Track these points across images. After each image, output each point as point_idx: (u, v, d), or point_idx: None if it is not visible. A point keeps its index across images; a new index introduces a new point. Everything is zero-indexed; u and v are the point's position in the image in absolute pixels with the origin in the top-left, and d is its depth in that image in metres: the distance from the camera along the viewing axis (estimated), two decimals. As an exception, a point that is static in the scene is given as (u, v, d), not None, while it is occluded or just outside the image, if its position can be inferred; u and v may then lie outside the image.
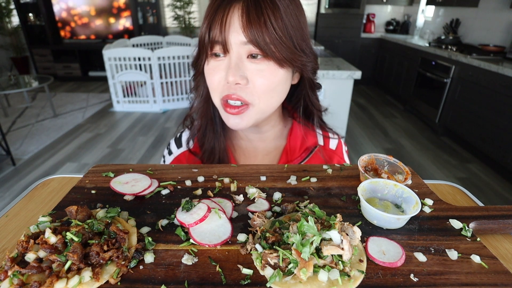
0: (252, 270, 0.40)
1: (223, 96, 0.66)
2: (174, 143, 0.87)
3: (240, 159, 0.83)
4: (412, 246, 0.44)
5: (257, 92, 0.64)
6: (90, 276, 0.37)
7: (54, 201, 0.58)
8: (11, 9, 6.17)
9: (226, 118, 0.69)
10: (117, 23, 6.27)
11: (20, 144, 3.72)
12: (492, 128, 3.15)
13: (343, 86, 2.92)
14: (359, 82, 6.18)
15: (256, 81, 0.63)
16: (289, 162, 0.79)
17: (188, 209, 0.48)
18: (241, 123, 0.68)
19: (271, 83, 0.64)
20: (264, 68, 0.63)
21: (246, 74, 0.62)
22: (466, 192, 0.64)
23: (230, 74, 0.61)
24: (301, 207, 0.52)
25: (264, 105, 0.67)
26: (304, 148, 0.81)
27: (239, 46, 0.61)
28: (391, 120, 4.66)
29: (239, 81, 0.62)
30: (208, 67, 0.66)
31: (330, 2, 5.72)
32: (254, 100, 0.65)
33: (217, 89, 0.66)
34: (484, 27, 4.13)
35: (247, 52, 0.62)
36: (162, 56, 4.51)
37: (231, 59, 0.62)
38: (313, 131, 0.83)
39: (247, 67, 0.62)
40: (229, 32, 0.60)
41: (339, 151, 0.87)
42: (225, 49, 0.62)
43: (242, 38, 0.59)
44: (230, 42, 0.60)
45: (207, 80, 0.68)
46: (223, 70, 0.64)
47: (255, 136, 0.82)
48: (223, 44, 0.61)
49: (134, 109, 4.86)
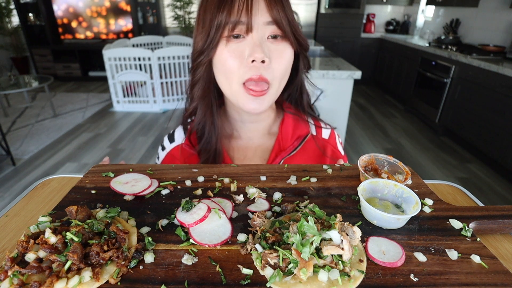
0: (252, 270, 0.40)
1: (246, 79, 0.65)
2: (167, 139, 0.88)
3: (233, 153, 0.83)
4: (412, 246, 0.44)
5: (276, 71, 0.66)
6: (90, 276, 0.37)
7: (54, 201, 0.58)
8: (11, 9, 6.17)
9: (246, 103, 0.68)
10: (117, 23, 6.27)
11: (20, 144, 3.72)
12: (492, 128, 3.15)
13: (343, 86, 2.92)
14: (359, 82, 6.18)
15: (276, 61, 0.65)
16: (281, 151, 0.80)
17: (188, 209, 0.48)
18: (261, 107, 0.68)
19: (287, 63, 0.67)
20: (282, 49, 0.66)
21: (270, 54, 0.64)
22: (466, 192, 0.64)
23: (258, 51, 0.61)
24: (301, 207, 0.52)
25: (279, 87, 0.69)
26: (296, 137, 0.82)
27: (263, 26, 0.63)
28: (391, 120, 4.66)
29: (265, 58, 0.62)
30: (226, 50, 0.65)
31: (330, 2, 5.72)
32: (273, 80, 0.66)
33: (237, 73, 0.65)
34: (484, 27, 4.13)
35: (269, 32, 0.64)
36: (162, 56, 4.51)
37: (255, 38, 0.63)
38: (304, 120, 0.84)
39: (269, 47, 0.64)
40: (254, 12, 0.62)
41: (332, 140, 0.87)
42: (248, 29, 0.62)
43: (267, 18, 0.62)
44: (256, 21, 0.62)
45: (224, 65, 0.66)
46: (244, 51, 0.64)
47: (250, 127, 0.82)
48: (247, 24, 0.62)
49: (134, 109, 4.85)
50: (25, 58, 6.54)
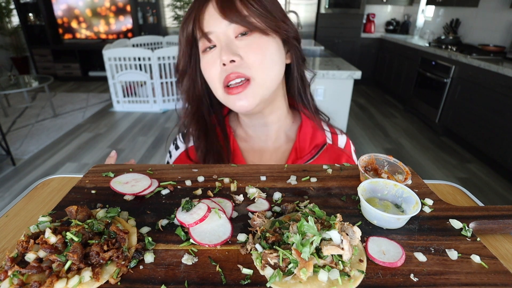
0: (252, 270, 0.40)
1: (223, 81, 0.67)
2: (181, 139, 0.88)
3: (249, 156, 0.82)
4: (412, 246, 0.44)
5: (253, 65, 0.66)
6: (90, 276, 0.37)
7: (54, 201, 0.58)
8: (11, 9, 6.17)
9: (232, 103, 0.69)
10: (117, 23, 6.27)
11: (20, 144, 3.72)
12: (492, 128, 3.15)
13: (343, 86, 2.92)
14: (359, 82, 6.18)
15: (249, 55, 0.66)
16: (298, 159, 0.79)
17: (188, 209, 0.48)
18: (247, 103, 0.68)
19: (263, 52, 0.67)
20: (252, 41, 0.66)
21: (238, 52, 0.65)
22: (466, 192, 0.64)
23: (223, 54, 0.64)
24: (301, 207, 0.52)
25: (263, 77, 0.68)
26: (314, 145, 0.81)
27: (224, 28, 0.65)
28: (391, 120, 4.66)
29: (232, 57, 0.64)
30: (203, 62, 0.70)
31: (330, 2, 5.71)
32: (252, 73, 0.66)
33: (217, 79, 0.68)
34: (484, 27, 4.13)
35: (234, 33, 0.66)
36: (162, 56, 4.51)
37: (221, 43, 0.66)
38: (321, 127, 0.83)
39: (238, 45, 0.66)
40: (209, 21, 0.65)
41: (348, 149, 0.87)
42: (208, 39, 0.66)
43: (223, 21, 0.64)
44: (214, 29, 0.65)
45: (206, 75, 0.71)
46: (217, 58, 0.67)
47: (263, 131, 0.81)
48: (204, 34, 0.66)
49: (134, 109, 4.85)
50: (25, 58, 6.54)
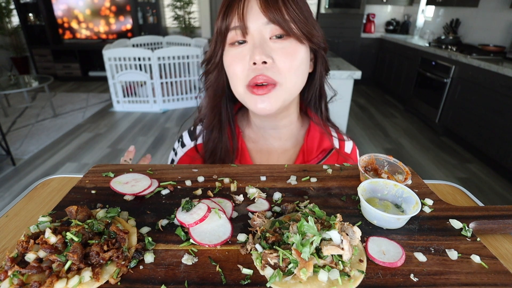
0: (252, 270, 0.40)
1: (249, 81, 0.65)
2: (187, 136, 0.87)
3: (256, 157, 0.82)
4: (412, 246, 0.44)
5: (283, 70, 0.65)
6: (90, 276, 0.37)
7: (54, 201, 0.58)
8: (11, 9, 6.17)
9: (253, 103, 0.67)
10: (117, 23, 6.27)
11: (20, 144, 3.72)
12: (492, 128, 3.15)
13: (343, 86, 2.92)
14: (359, 82, 6.18)
15: (281, 59, 0.64)
16: (305, 162, 0.79)
17: (188, 209, 0.48)
18: (269, 106, 0.66)
19: (295, 60, 0.65)
20: (287, 46, 0.64)
21: (271, 54, 0.63)
22: (466, 192, 0.64)
23: (257, 53, 0.61)
24: (301, 207, 0.52)
25: (290, 84, 0.67)
26: (321, 150, 0.81)
27: (263, 26, 0.63)
28: (391, 120, 4.66)
29: (265, 59, 0.62)
30: (230, 55, 0.67)
31: (330, 2, 5.71)
32: (281, 79, 0.65)
33: (241, 76, 0.66)
34: (484, 27, 4.13)
35: (270, 33, 0.64)
36: (162, 56, 4.51)
37: (255, 41, 0.63)
38: (328, 133, 0.83)
39: (271, 47, 0.64)
40: (250, 16, 0.62)
41: (354, 155, 0.87)
42: (244, 33, 0.63)
43: (263, 19, 0.62)
44: (251, 24, 0.63)
45: (229, 70, 0.68)
46: (246, 55, 0.64)
47: (272, 133, 0.81)
48: (242, 28, 0.63)
49: (134, 109, 4.85)
50: (25, 58, 6.54)
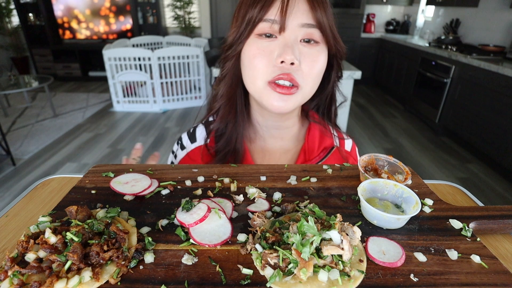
0: (252, 270, 0.40)
1: (272, 78, 0.63)
2: (187, 138, 0.85)
3: (258, 157, 0.81)
4: (412, 246, 0.44)
5: (307, 75, 0.64)
6: (90, 276, 0.37)
7: (54, 201, 0.58)
8: (11, 9, 6.17)
9: (271, 100, 0.65)
10: (117, 23, 6.27)
11: (20, 144, 3.72)
12: (492, 128, 3.15)
13: (343, 86, 2.91)
14: (359, 82, 6.18)
15: (307, 64, 0.63)
16: (307, 161, 0.79)
17: (188, 209, 0.48)
18: (286, 106, 0.65)
19: (319, 67, 0.65)
20: (315, 52, 0.64)
21: (300, 56, 0.62)
22: (466, 192, 0.64)
23: (288, 53, 0.60)
24: (301, 207, 0.52)
25: (309, 90, 0.67)
26: (322, 148, 0.81)
27: (298, 28, 0.61)
28: (391, 120, 4.66)
29: (295, 60, 0.61)
30: (255, 47, 0.64)
31: (330, 2, 5.71)
32: (303, 83, 0.64)
33: (264, 71, 0.64)
34: (484, 27, 4.13)
35: (303, 35, 0.62)
36: (162, 56, 4.51)
37: (287, 39, 0.61)
38: (329, 132, 0.83)
39: (300, 50, 0.63)
40: (292, 13, 0.60)
41: (354, 153, 0.87)
42: (281, 29, 0.61)
43: (308, 20, 0.61)
44: (291, 22, 0.61)
45: (251, 61, 0.65)
46: (274, 51, 0.62)
47: (274, 133, 0.81)
48: (281, 24, 0.60)
49: (134, 109, 4.85)
50: (25, 58, 6.54)
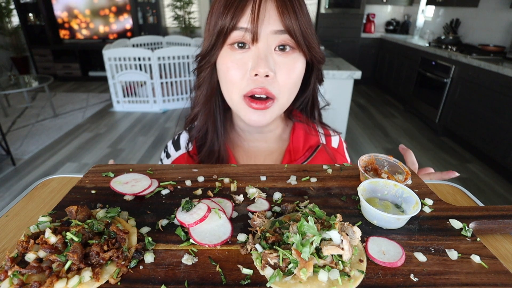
0: (252, 270, 0.40)
1: (247, 92, 0.61)
2: (172, 146, 0.84)
3: (242, 161, 0.81)
4: (412, 246, 0.44)
5: (283, 86, 0.62)
6: (90, 276, 0.37)
7: (54, 201, 0.58)
8: (11, 9, 6.17)
9: (247, 115, 0.65)
10: (117, 23, 6.27)
11: (20, 144, 3.72)
12: (492, 128, 3.15)
13: (343, 86, 2.92)
14: (359, 82, 6.18)
15: (282, 75, 0.61)
16: (292, 162, 0.78)
17: (188, 209, 0.48)
18: (264, 120, 0.64)
19: (296, 77, 0.63)
20: (291, 61, 0.61)
21: (274, 67, 0.60)
22: (466, 192, 0.64)
23: (261, 66, 0.57)
24: (301, 207, 0.52)
25: (286, 100, 0.65)
26: (307, 147, 0.80)
27: (271, 35, 0.58)
28: (391, 120, 4.66)
29: (269, 72, 0.58)
30: (229, 60, 0.61)
31: (330, 2, 5.72)
32: (279, 95, 0.62)
33: (238, 84, 0.62)
34: (484, 27, 4.13)
35: (277, 43, 0.59)
36: (162, 56, 4.51)
37: (260, 50, 0.58)
38: (314, 130, 0.82)
39: (275, 59, 0.60)
40: (263, 20, 0.57)
41: (341, 149, 0.87)
42: (254, 39, 0.58)
43: (278, 27, 0.57)
44: (263, 30, 0.57)
45: (226, 74, 0.63)
46: (247, 62, 0.60)
47: (257, 137, 0.80)
48: (253, 33, 0.57)
49: (134, 109, 4.86)
50: (25, 58, 6.54)
